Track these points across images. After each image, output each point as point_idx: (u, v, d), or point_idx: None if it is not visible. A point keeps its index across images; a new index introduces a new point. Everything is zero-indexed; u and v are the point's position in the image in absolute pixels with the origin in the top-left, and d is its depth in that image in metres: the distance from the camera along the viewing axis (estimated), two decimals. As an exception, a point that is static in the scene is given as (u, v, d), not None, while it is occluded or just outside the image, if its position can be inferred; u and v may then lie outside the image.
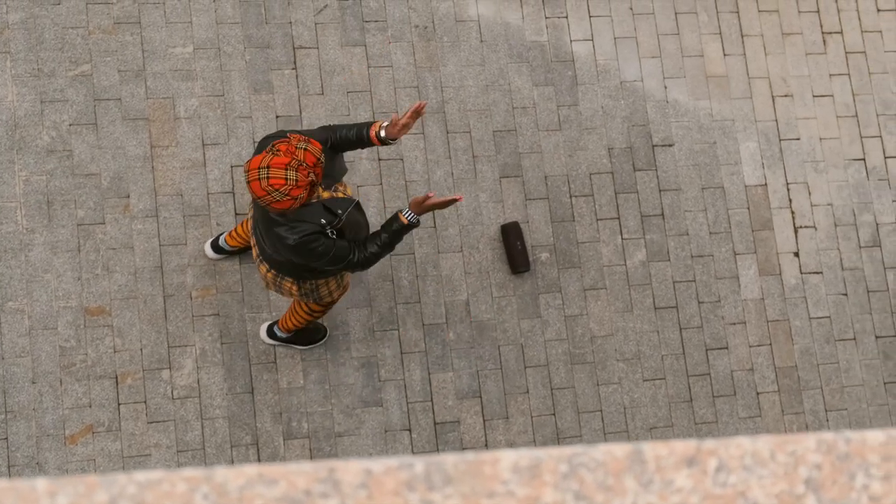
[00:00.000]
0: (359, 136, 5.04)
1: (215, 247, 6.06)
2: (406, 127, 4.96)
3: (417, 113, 4.91)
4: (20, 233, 5.99)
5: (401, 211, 4.96)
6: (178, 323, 6.05)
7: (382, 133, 4.99)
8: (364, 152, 6.39)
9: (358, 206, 5.03)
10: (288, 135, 4.75)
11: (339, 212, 4.87)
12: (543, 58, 6.74)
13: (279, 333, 6.00)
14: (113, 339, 5.97)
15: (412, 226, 4.97)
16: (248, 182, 4.65)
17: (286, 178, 4.61)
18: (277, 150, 4.63)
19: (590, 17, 6.86)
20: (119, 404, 5.92)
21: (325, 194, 4.96)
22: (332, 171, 5.03)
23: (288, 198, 4.62)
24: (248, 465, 1.52)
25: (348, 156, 6.38)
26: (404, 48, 6.59)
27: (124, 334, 5.98)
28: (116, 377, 5.94)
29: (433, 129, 6.51)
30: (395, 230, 4.96)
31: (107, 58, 6.24)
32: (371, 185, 6.38)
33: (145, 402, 5.95)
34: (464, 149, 6.53)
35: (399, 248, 6.34)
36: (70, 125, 6.14)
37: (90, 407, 5.89)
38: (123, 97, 6.20)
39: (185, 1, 6.39)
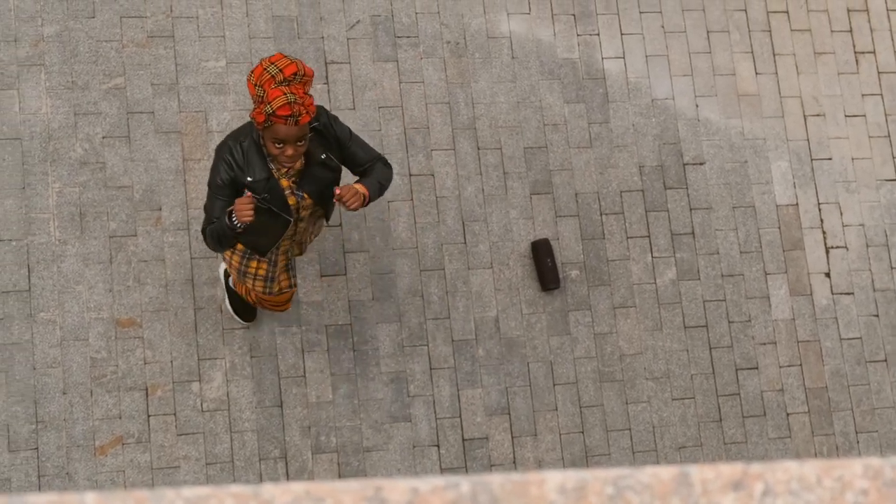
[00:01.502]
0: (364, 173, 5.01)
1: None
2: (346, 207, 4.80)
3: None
4: (53, 244, 6.02)
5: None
6: (209, 336, 6.06)
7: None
8: (395, 167, 6.40)
9: (284, 222, 4.87)
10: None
11: (259, 194, 4.72)
12: (575, 75, 6.74)
13: (228, 280, 5.94)
14: (143, 351, 5.99)
15: (232, 228, 4.72)
16: (287, 67, 4.53)
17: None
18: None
19: (621, 34, 6.86)
20: (149, 416, 5.94)
21: (285, 181, 4.81)
22: (322, 183, 4.89)
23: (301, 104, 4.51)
24: (295, 483, 1.52)
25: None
26: (436, 64, 6.61)
27: (155, 346, 6.00)
28: (146, 389, 5.96)
29: (464, 146, 6.51)
30: (219, 227, 4.76)
31: (140, 71, 6.28)
32: (402, 201, 6.39)
33: (175, 414, 5.96)
34: (494, 165, 6.53)
35: (429, 263, 6.33)
36: (103, 138, 6.17)
37: (120, 418, 5.91)
38: (156, 110, 6.23)
39: (218, 15, 6.42)
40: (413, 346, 6.26)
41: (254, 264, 5.26)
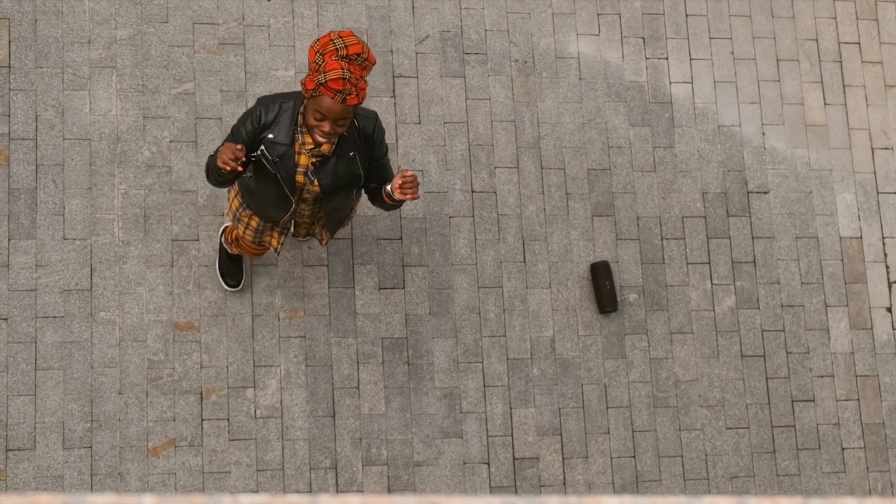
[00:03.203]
0: (376, 191, 5.01)
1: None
2: (402, 192, 4.81)
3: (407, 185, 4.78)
4: (116, 245, 6.07)
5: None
6: (265, 343, 6.09)
7: (387, 187, 4.91)
8: (458, 182, 6.40)
9: (284, 197, 4.90)
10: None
11: (271, 156, 4.76)
12: (641, 98, 6.72)
13: (222, 237, 5.96)
14: (200, 355, 6.03)
15: (218, 169, 4.81)
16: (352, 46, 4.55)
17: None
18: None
19: (690, 59, 6.83)
20: (202, 420, 5.97)
21: (304, 158, 4.82)
22: (339, 181, 4.89)
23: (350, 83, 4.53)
24: (351, 495, 1.53)
25: (440, 184, 6.40)
26: (503, 82, 6.61)
27: (211, 351, 6.04)
28: (201, 393, 6.00)
29: (528, 164, 6.51)
30: (211, 163, 4.86)
31: (210, 77, 6.33)
32: (463, 217, 6.39)
33: (228, 419, 6.00)
34: (557, 185, 6.52)
35: (487, 280, 6.33)
36: (170, 142, 6.22)
37: (174, 421, 5.95)
38: (224, 117, 6.28)
39: (289, 25, 6.46)
40: (468, 363, 6.25)
41: (249, 212, 5.25)
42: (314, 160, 4.82)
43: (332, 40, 4.52)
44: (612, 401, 6.34)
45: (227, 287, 6.06)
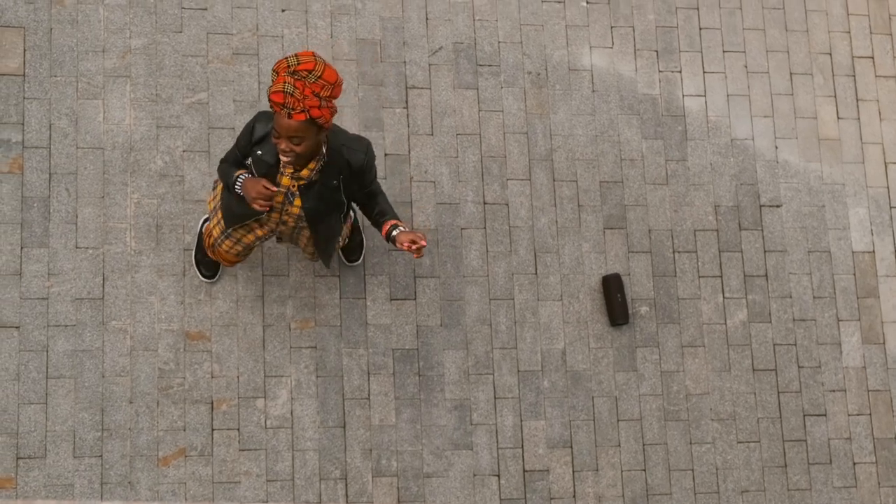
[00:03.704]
0: (377, 218, 5.05)
1: None
2: (408, 247, 4.89)
3: (415, 246, 4.87)
4: (128, 254, 6.08)
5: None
6: (276, 353, 6.10)
7: (394, 233, 4.94)
8: (470, 194, 6.40)
9: (251, 209, 5.00)
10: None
11: (254, 171, 4.85)
12: (654, 111, 6.72)
13: (202, 227, 6.01)
14: (211, 365, 6.03)
15: (231, 186, 4.99)
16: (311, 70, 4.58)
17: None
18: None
19: (703, 72, 6.83)
20: (213, 430, 5.98)
21: (286, 180, 4.91)
22: (326, 202, 4.96)
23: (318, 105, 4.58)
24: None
25: (450, 196, 6.40)
26: (516, 94, 6.61)
27: (222, 361, 6.05)
28: (212, 403, 6.00)
29: (540, 177, 6.51)
30: (226, 178, 4.99)
31: (223, 87, 6.34)
32: (475, 229, 6.39)
33: (238, 429, 6.00)
34: (569, 197, 6.52)
35: (498, 292, 6.33)
36: (183, 151, 6.23)
37: (184, 430, 5.95)
38: (237, 127, 6.29)
39: (303, 36, 6.48)
40: (478, 375, 6.25)
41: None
42: (297, 184, 4.90)
43: (286, 58, 4.61)
44: (622, 414, 6.33)
45: (202, 278, 6.06)
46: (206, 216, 5.98)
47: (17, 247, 6.00)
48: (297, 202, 4.97)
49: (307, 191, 4.91)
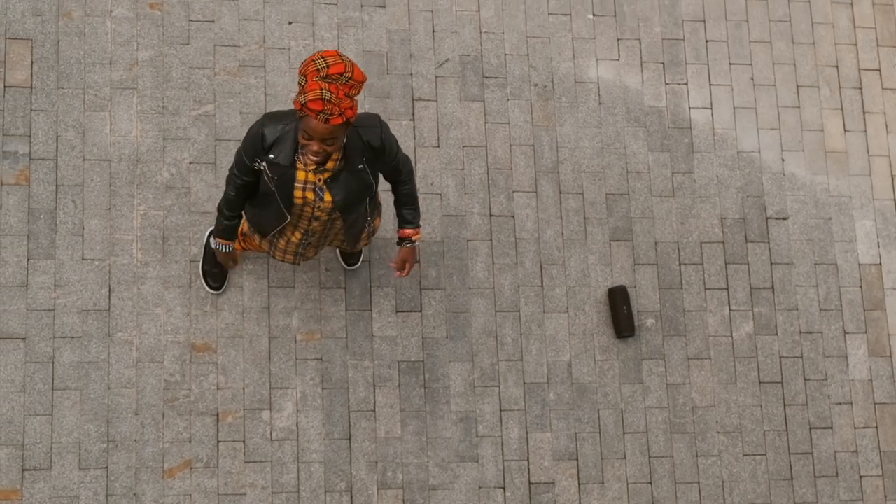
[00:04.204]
0: (399, 215, 5.28)
1: None
2: (395, 266, 5.37)
3: (397, 273, 5.39)
4: (134, 266, 6.09)
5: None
6: (282, 365, 6.10)
7: (405, 244, 5.31)
8: (476, 206, 6.41)
9: (279, 213, 5.02)
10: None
11: (271, 174, 4.87)
12: (661, 123, 6.72)
13: (209, 239, 6.12)
14: (217, 377, 6.04)
15: (215, 237, 5.31)
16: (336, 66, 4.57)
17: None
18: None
19: (710, 85, 6.83)
20: (218, 442, 5.98)
21: (311, 175, 4.89)
22: (353, 191, 4.97)
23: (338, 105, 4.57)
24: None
25: (451, 210, 6.40)
26: (522, 106, 6.62)
27: (228, 372, 6.05)
28: (218, 414, 6.00)
29: (546, 189, 6.51)
30: (218, 224, 5.24)
31: (230, 99, 6.35)
32: (481, 241, 6.39)
33: (244, 441, 6.00)
34: (575, 210, 6.52)
35: (504, 304, 6.33)
36: (190, 163, 6.25)
37: (190, 442, 5.95)
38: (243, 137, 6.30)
39: (310, 48, 6.49)
40: (484, 387, 6.25)
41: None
42: (321, 178, 4.86)
43: (313, 60, 4.53)
44: (628, 426, 6.33)
45: (208, 289, 6.06)
46: (212, 228, 5.99)
47: (23, 258, 6.01)
48: (328, 195, 4.93)
49: (334, 182, 4.88)
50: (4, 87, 6.20)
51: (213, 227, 5.99)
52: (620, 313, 6.35)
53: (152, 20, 6.39)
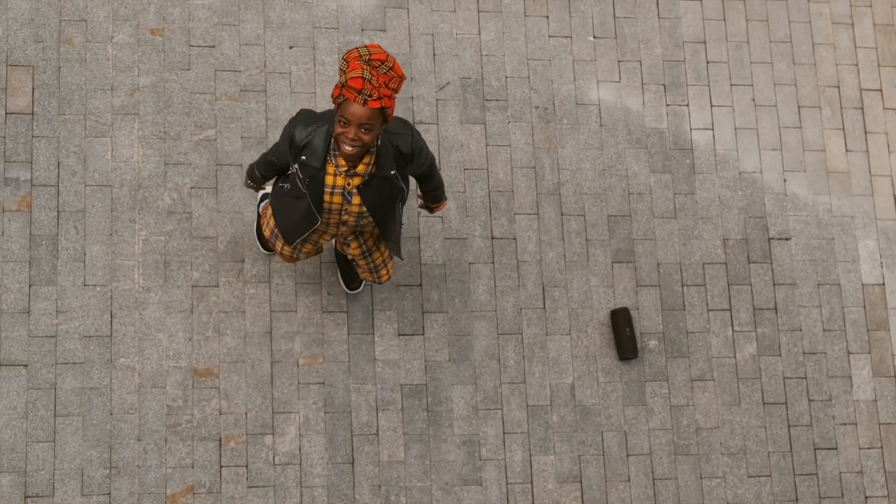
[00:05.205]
0: (431, 195, 5.43)
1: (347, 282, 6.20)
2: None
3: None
4: (136, 291, 6.09)
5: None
6: (284, 389, 6.09)
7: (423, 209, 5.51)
8: (478, 229, 6.41)
9: (310, 216, 5.07)
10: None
11: (302, 176, 4.93)
12: (662, 145, 6.72)
13: (260, 205, 6.15)
14: (219, 402, 6.03)
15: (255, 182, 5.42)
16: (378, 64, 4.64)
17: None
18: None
19: (711, 106, 6.83)
20: (221, 466, 5.97)
21: (340, 179, 4.94)
22: (384, 195, 5.03)
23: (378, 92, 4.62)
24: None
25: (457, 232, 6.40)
26: (523, 128, 6.62)
27: (230, 397, 6.04)
28: (220, 439, 5.99)
29: (548, 211, 6.51)
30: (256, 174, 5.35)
31: (231, 124, 6.36)
32: (483, 264, 6.39)
33: (247, 466, 5.99)
34: (577, 232, 6.52)
35: (507, 327, 6.32)
36: (191, 188, 6.25)
37: (192, 467, 5.94)
38: (245, 163, 6.31)
39: (310, 72, 6.50)
40: (487, 410, 6.23)
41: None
42: (351, 182, 4.91)
43: (357, 48, 4.65)
44: (632, 448, 6.31)
45: (264, 250, 6.19)
46: (262, 202, 6.13)
47: (25, 285, 6.01)
48: (356, 200, 4.97)
49: (365, 187, 4.93)
50: (6, 113, 6.21)
51: (262, 202, 6.08)
52: (623, 335, 6.34)
53: (153, 46, 6.40)
